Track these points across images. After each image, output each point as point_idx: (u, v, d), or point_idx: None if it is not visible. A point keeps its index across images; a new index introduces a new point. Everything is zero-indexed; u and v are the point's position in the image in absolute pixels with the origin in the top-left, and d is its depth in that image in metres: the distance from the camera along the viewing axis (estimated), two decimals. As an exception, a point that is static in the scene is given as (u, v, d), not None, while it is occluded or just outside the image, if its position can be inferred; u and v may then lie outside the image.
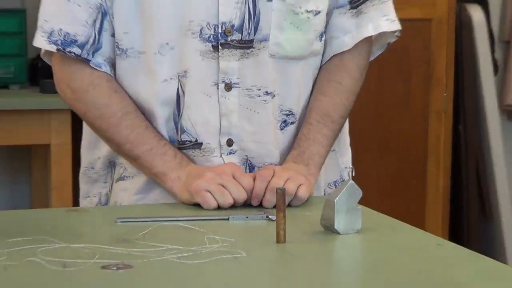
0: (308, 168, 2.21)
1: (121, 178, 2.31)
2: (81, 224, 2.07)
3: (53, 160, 4.09)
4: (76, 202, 3.88)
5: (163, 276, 1.63)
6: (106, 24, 2.25)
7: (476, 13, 4.97)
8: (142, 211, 2.12)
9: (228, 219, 2.03)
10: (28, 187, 4.86)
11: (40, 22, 2.27)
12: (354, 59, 2.33)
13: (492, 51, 5.08)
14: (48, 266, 1.63)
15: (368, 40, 2.35)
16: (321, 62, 2.34)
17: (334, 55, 2.35)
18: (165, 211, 2.13)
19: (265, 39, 2.24)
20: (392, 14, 2.34)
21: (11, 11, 4.38)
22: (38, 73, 4.33)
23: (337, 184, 2.44)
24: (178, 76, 2.24)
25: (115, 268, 1.64)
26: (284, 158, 2.32)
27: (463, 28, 4.86)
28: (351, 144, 2.48)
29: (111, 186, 2.35)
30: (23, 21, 4.36)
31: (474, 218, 5.00)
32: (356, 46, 2.34)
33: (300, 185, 2.11)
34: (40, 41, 2.26)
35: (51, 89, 3.91)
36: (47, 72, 3.40)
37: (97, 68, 2.24)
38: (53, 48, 2.25)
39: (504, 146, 5.06)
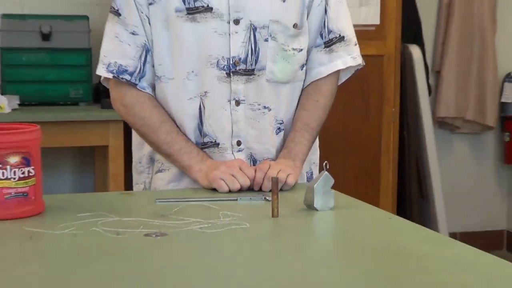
0: (294, 162, 2.28)
1: (159, 171, 2.38)
2: (129, 204, 2.14)
3: (110, 157, 4.10)
4: (126, 188, 3.88)
5: (189, 242, 1.71)
6: (149, 58, 2.28)
7: (415, 51, 4.98)
8: (174, 194, 2.15)
9: (236, 200, 2.09)
10: (93, 177, 4.83)
11: (101, 57, 2.33)
12: (327, 84, 2.39)
13: (427, 78, 5.08)
14: (105, 234, 1.72)
15: (337, 71, 2.39)
16: (302, 86, 2.36)
17: (312, 81, 2.37)
18: (191, 194, 2.18)
19: (263, 69, 2.30)
20: (355, 53, 2.42)
21: (81, 49, 4.35)
22: (100, 94, 4.32)
23: (308, 174, 2.44)
24: (200, 95, 2.25)
25: (154, 235, 1.71)
26: (278, 154, 2.35)
27: (406, 62, 4.86)
28: (326, 146, 2.51)
29: (152, 176, 2.37)
30: (89, 57, 4.34)
31: (415, 199, 4.99)
32: (328, 75, 2.36)
33: (288, 175, 2.19)
34: (101, 70, 2.33)
35: (108, 106, 3.94)
36: (106, 93, 3.42)
37: (142, 90, 2.30)
38: (110, 75, 2.31)
39: (436, 146, 5.05)
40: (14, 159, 1.83)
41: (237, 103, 2.30)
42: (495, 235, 5.74)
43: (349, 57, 2.40)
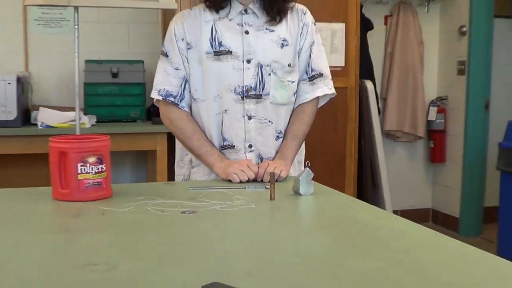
0: (286, 162, 2.26)
1: (193, 167, 2.33)
2: (171, 191, 2.10)
3: (158, 158, 4.08)
4: (169, 179, 3.86)
5: (212, 217, 1.67)
6: (187, 86, 2.29)
7: (369, 84, 4.95)
8: (202, 184, 2.12)
9: (245, 188, 2.06)
10: (145, 172, 4.81)
11: (154, 85, 2.33)
12: (310, 107, 2.37)
13: (377, 103, 5.06)
14: (153, 211, 1.70)
15: (317, 98, 2.38)
16: (293, 107, 2.32)
17: (299, 104, 2.34)
18: (214, 184, 2.15)
19: (268, 94, 2.29)
20: (331, 85, 2.41)
21: (138, 83, 4.34)
22: (150, 114, 4.30)
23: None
24: (222, 112, 2.26)
25: (187, 213, 1.69)
26: (276, 155, 2.32)
27: (362, 92, 4.84)
28: (308, 149, 2.52)
29: (190, 170, 2.35)
30: (143, 88, 4.31)
31: (369, 187, 4.96)
32: (311, 100, 2.35)
33: (281, 170, 2.15)
34: (154, 94, 2.32)
35: (157, 122, 3.93)
36: (155, 113, 3.38)
37: (182, 108, 2.31)
38: (160, 98, 2.31)
39: (384, 150, 5.02)
40: (92, 159, 1.82)
41: (249, 118, 2.28)
42: (423, 211, 5.71)
43: (326, 88, 2.38)
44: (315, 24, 2.39)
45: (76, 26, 2.04)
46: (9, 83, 3.95)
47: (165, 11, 4.52)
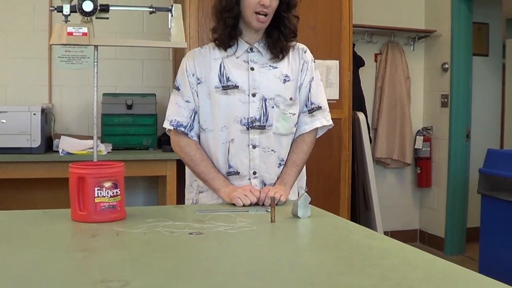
0: (285, 187, 2.25)
1: (201, 192, 2.32)
2: (180, 213, 2.07)
3: (168, 183, 4.05)
4: (178, 202, 3.81)
5: (217, 238, 1.67)
6: (196, 117, 2.30)
7: (361, 116, 4.95)
8: (208, 207, 2.10)
9: (248, 211, 2.04)
10: (156, 195, 4.79)
11: (166, 115, 2.34)
12: (309, 137, 2.37)
13: (368, 133, 5.05)
14: (164, 232, 1.69)
15: (316, 129, 2.39)
16: (293, 137, 2.32)
17: (299, 134, 2.34)
18: (219, 207, 2.14)
19: (271, 125, 2.29)
20: (328, 117, 2.41)
21: (150, 115, 4.33)
22: (161, 143, 4.28)
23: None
24: (229, 141, 2.26)
25: (195, 234, 1.68)
26: (277, 180, 2.31)
27: (355, 123, 4.83)
28: (306, 175, 2.47)
29: (198, 195, 2.34)
30: (155, 119, 4.31)
31: (362, 210, 4.93)
32: (310, 131, 2.36)
33: (281, 195, 2.12)
34: (166, 124, 2.33)
35: (167, 150, 3.91)
36: (166, 142, 3.37)
37: (191, 138, 2.30)
38: (171, 128, 2.31)
39: (375, 176, 5.00)
40: (107, 184, 1.81)
41: (254, 147, 2.27)
42: (412, 232, 5.66)
43: (324, 120, 2.38)
44: (314, 62, 2.40)
45: (96, 63, 2.05)
46: (34, 114, 3.96)
47: (176, 49, 4.53)
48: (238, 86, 2.25)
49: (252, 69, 2.27)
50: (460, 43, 5.21)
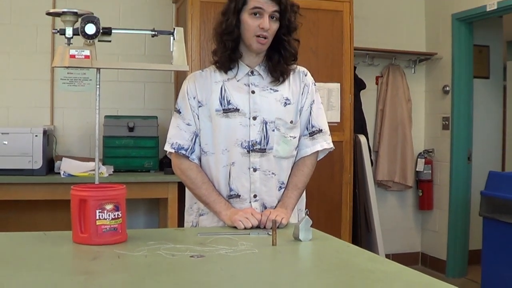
0: (287, 210, 2.25)
1: (201, 214, 2.32)
2: (181, 236, 2.05)
3: (169, 205, 4.05)
4: (179, 225, 3.80)
5: (218, 261, 1.66)
6: (197, 140, 2.30)
7: (362, 138, 4.96)
8: (209, 230, 2.09)
9: (249, 234, 2.04)
10: (157, 218, 4.78)
11: (168, 138, 2.33)
12: (310, 160, 2.37)
13: (370, 155, 5.05)
14: (165, 255, 1.68)
15: (317, 152, 2.40)
16: (294, 160, 2.32)
17: (300, 157, 2.35)
18: (220, 230, 2.13)
19: (271, 148, 2.28)
20: (329, 140, 2.41)
21: (152, 137, 4.33)
22: (163, 165, 4.28)
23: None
24: (230, 164, 2.26)
25: (196, 257, 1.67)
26: (278, 203, 2.30)
27: (356, 145, 4.84)
28: (307, 197, 2.48)
29: (198, 218, 2.34)
30: (157, 141, 4.32)
31: (363, 232, 4.91)
32: (311, 153, 2.37)
33: (282, 218, 2.12)
34: (167, 147, 2.32)
35: (169, 172, 3.90)
36: (167, 165, 3.36)
37: (192, 160, 2.30)
38: (172, 150, 2.31)
39: (376, 198, 5.00)
40: (109, 206, 1.81)
41: (254, 170, 2.26)
42: (413, 255, 5.64)
43: (325, 143, 2.37)
44: (314, 85, 2.40)
45: (98, 86, 2.06)
46: (36, 136, 3.97)
47: (178, 72, 4.56)
48: (239, 109, 2.25)
49: (253, 92, 2.28)
50: (461, 66, 5.23)
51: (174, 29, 2.10)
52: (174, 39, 2.09)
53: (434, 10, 5.49)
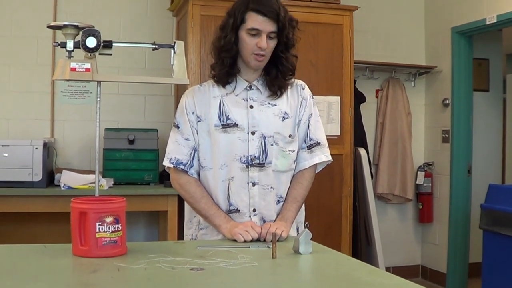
0: (286, 224, 2.25)
1: (201, 228, 2.31)
2: (181, 249, 2.04)
3: (169, 218, 4.04)
4: (179, 238, 3.79)
5: (218, 274, 1.66)
6: (196, 155, 2.29)
7: (362, 151, 4.96)
8: (209, 243, 2.08)
9: (249, 247, 2.04)
10: (157, 231, 4.77)
11: (166, 153, 2.33)
12: (308, 173, 2.37)
13: (370, 169, 5.05)
14: (165, 268, 1.68)
15: (315, 164, 2.40)
16: (293, 173, 2.32)
17: (299, 170, 2.35)
18: (220, 243, 2.13)
19: (270, 163, 2.28)
20: (327, 153, 2.41)
21: (152, 150, 4.34)
22: (163, 178, 4.29)
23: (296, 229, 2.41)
24: (228, 179, 2.26)
25: (196, 270, 1.67)
26: (277, 217, 2.30)
27: (356, 158, 4.84)
28: (307, 210, 2.47)
29: (198, 231, 2.33)
30: (157, 154, 4.32)
31: (364, 245, 4.90)
32: (309, 166, 2.38)
33: (282, 231, 2.13)
34: (166, 162, 2.32)
35: (168, 185, 3.89)
36: (167, 178, 3.34)
37: (191, 175, 2.30)
38: (171, 165, 2.30)
39: (376, 211, 4.99)
40: (109, 219, 1.81)
41: (253, 184, 2.26)
42: (413, 268, 5.63)
43: (323, 156, 2.38)
44: (312, 98, 2.41)
45: (98, 99, 2.06)
46: (36, 148, 3.98)
47: (178, 85, 4.56)
48: (237, 124, 2.25)
49: (251, 107, 2.28)
50: (461, 79, 5.25)
51: (174, 42, 2.11)
52: (174, 52, 2.10)
53: (434, 24, 5.52)
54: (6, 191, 3.90)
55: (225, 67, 2.26)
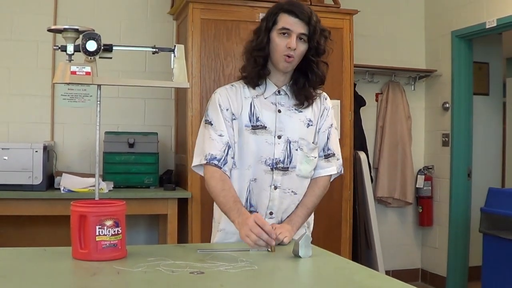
0: (292, 228, 2.26)
1: (219, 231, 2.35)
2: (181, 252, 2.04)
3: (169, 221, 4.03)
4: (179, 241, 3.78)
5: (218, 278, 1.66)
6: (230, 151, 2.28)
7: (362, 155, 4.98)
8: (209, 246, 2.08)
9: (249, 250, 2.03)
10: (157, 234, 4.77)
11: (196, 153, 2.33)
12: (322, 181, 2.42)
13: (370, 172, 5.06)
14: (165, 271, 1.68)
15: (330, 175, 2.44)
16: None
17: (314, 178, 2.40)
18: (220, 247, 2.14)
19: (294, 167, 2.32)
20: (341, 165, 2.46)
21: (152, 153, 4.33)
22: (163, 181, 4.33)
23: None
24: (251, 180, 2.30)
25: (195, 273, 1.67)
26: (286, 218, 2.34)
27: (356, 162, 4.86)
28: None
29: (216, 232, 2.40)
30: (157, 157, 4.31)
31: (363, 249, 4.91)
32: (325, 176, 2.42)
33: (285, 236, 2.15)
34: (196, 161, 2.31)
35: (169, 189, 3.88)
36: (167, 181, 3.35)
37: (224, 172, 2.27)
38: (205, 161, 2.27)
39: (376, 215, 5.00)
40: (109, 222, 1.81)
41: (275, 187, 2.29)
42: (413, 271, 5.63)
43: (338, 166, 2.42)
44: (332, 109, 2.46)
45: (99, 102, 2.07)
46: (36, 151, 3.98)
47: (178, 89, 4.56)
48: (266, 127, 2.29)
49: (279, 111, 2.32)
50: (461, 83, 5.26)
51: (175, 46, 2.11)
52: (175, 56, 2.10)
53: (434, 27, 5.53)
54: (6, 194, 3.89)
55: (257, 66, 2.29)
